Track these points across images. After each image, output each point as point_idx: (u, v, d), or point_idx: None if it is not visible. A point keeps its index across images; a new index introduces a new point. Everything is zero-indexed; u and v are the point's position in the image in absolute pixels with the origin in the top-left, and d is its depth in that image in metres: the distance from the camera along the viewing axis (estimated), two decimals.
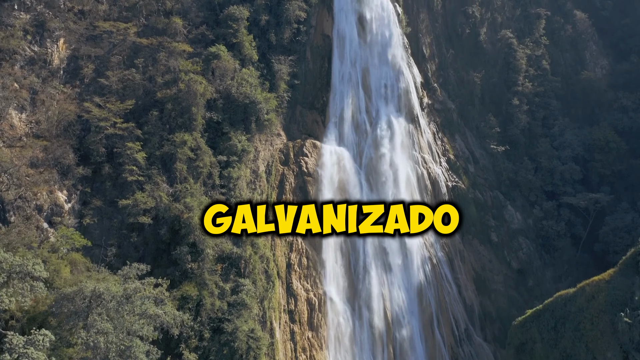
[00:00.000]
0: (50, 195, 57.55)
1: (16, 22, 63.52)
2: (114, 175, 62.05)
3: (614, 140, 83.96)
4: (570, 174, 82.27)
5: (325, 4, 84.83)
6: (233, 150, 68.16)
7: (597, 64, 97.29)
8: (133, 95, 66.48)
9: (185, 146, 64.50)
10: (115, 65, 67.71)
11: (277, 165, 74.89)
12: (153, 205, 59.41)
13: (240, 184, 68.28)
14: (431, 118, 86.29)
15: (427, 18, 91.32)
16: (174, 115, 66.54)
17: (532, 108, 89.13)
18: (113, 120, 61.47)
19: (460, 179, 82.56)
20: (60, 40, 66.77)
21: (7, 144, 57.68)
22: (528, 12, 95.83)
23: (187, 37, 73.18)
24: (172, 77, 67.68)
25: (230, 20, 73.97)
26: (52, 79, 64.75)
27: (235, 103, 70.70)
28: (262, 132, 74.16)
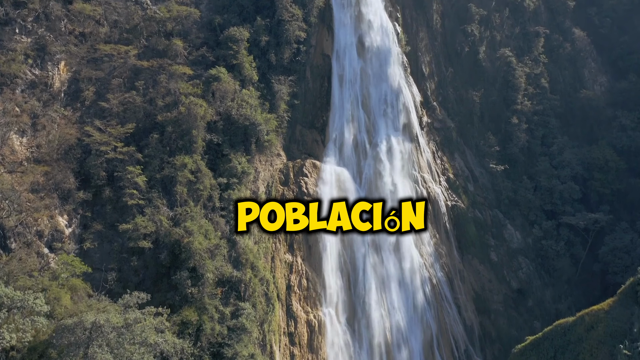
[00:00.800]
0: (50, 221, 57.67)
1: (17, 45, 63.83)
2: (114, 198, 62.23)
3: (613, 159, 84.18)
4: (569, 194, 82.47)
5: (325, 23, 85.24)
6: (233, 173, 68.31)
7: (595, 81, 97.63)
8: (134, 117, 66.70)
9: (186, 169, 64.65)
10: (116, 88, 67.95)
11: (277, 185, 75.06)
12: (153, 230, 59.53)
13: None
14: (431, 137, 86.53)
15: (427, 37, 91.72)
16: (175, 137, 66.74)
17: (531, 126, 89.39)
18: (114, 145, 61.70)
19: (459, 198, 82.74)
20: (61, 63, 67.07)
21: (8, 170, 57.84)
22: (527, 30, 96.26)
23: (188, 58, 73.48)
24: (173, 99, 67.93)
25: (231, 42, 74.27)
26: (53, 102, 64.99)
27: (235, 125, 70.97)
28: (262, 152, 74.37)
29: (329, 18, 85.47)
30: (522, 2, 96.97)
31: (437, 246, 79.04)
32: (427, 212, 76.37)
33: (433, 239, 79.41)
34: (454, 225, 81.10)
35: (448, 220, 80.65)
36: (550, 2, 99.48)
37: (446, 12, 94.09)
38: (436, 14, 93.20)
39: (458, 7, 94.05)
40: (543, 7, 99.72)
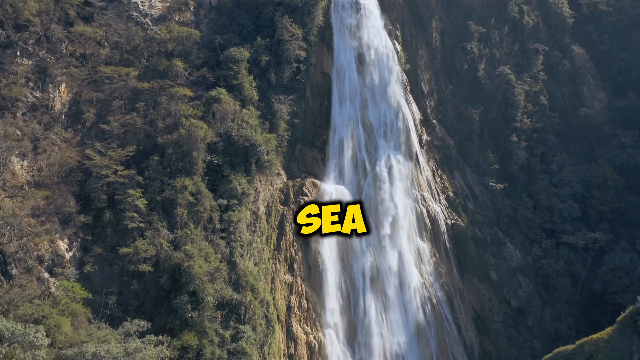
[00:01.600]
0: (51, 245, 57.88)
1: (18, 68, 64.23)
2: (114, 221, 62.43)
3: (612, 177, 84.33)
4: (569, 212, 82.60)
5: (324, 42, 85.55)
6: (233, 194, 68.50)
7: (595, 98, 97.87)
8: (134, 139, 66.97)
9: (186, 191, 64.87)
10: (117, 110, 68.24)
11: (277, 205, 75.23)
12: (154, 253, 59.77)
13: (240, 227, 68.59)
14: (430, 155, 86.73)
15: (426, 54, 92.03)
16: (175, 158, 67.01)
17: (531, 144, 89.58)
18: (114, 168, 62.01)
19: (459, 217, 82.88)
20: (62, 85, 67.44)
21: (9, 194, 58.08)
22: (526, 48, 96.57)
23: (188, 79, 73.75)
24: (173, 121, 68.18)
25: (231, 62, 74.56)
26: (54, 124, 65.31)
27: (235, 145, 71.18)
28: (262, 172, 74.57)
29: (328, 36, 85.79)
30: (521, 19, 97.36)
31: (437, 265, 79.15)
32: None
33: (433, 257, 79.52)
34: (454, 244, 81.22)
35: (448, 239, 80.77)
36: (549, 19, 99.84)
37: (445, 30, 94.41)
38: (435, 31, 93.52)
39: (457, 25, 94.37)
40: (542, 24, 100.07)
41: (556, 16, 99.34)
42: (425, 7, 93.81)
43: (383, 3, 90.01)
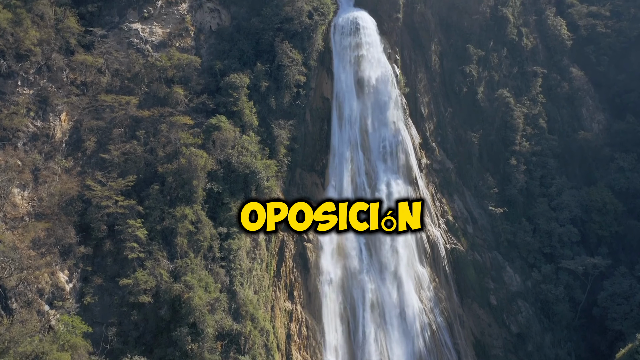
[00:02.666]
0: (51, 277, 57.99)
1: (19, 98, 64.42)
2: (114, 251, 62.59)
3: (611, 202, 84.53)
4: (568, 237, 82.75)
5: (324, 66, 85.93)
6: (233, 222, 68.64)
7: (593, 119, 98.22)
8: (134, 167, 67.17)
9: (186, 220, 65.01)
10: (117, 138, 68.41)
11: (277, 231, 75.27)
12: (154, 285, 59.78)
13: (240, 254, 68.68)
14: (430, 179, 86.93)
15: (425, 77, 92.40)
16: (175, 186, 67.17)
17: (530, 167, 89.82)
18: (115, 199, 62.13)
19: (459, 241, 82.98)
20: (63, 114, 67.62)
21: (10, 226, 58.19)
22: (525, 70, 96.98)
23: (189, 105, 73.95)
24: (173, 149, 68.35)
25: (231, 89, 74.79)
26: (55, 153, 65.48)
27: (235, 173, 71.35)
28: (262, 198, 74.57)
29: (328, 61, 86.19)
30: (519, 41, 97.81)
31: (437, 290, 79.19)
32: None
33: (433, 283, 79.57)
34: (454, 269, 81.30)
35: (447, 264, 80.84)
36: (547, 41, 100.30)
37: (444, 53, 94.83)
38: (435, 54, 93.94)
39: (456, 47, 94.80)
40: (541, 45, 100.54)
41: (554, 38, 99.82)
42: (425, 30, 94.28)
43: (382, 26, 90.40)
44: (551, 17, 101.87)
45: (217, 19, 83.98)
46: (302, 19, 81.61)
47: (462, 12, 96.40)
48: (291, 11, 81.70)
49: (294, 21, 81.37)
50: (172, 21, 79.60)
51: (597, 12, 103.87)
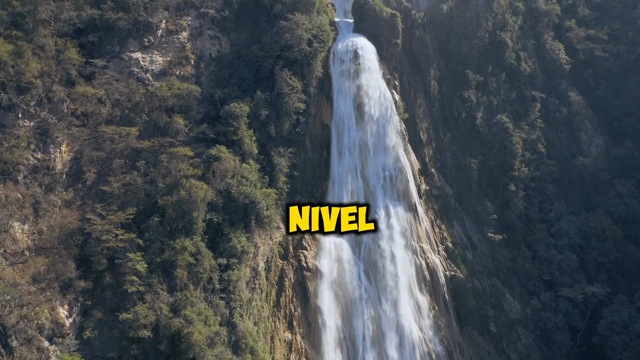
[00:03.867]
0: (51, 313, 58.17)
1: (20, 131, 64.74)
2: (114, 284, 62.82)
3: (610, 228, 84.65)
4: (567, 264, 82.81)
5: (324, 92, 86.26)
6: (233, 252, 68.77)
7: (592, 143, 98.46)
8: (134, 198, 67.40)
9: (186, 252, 65.14)
10: (117, 169, 68.66)
11: (276, 260, 75.49)
12: (153, 319, 59.85)
13: (240, 285, 68.81)
14: (429, 205, 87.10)
15: (424, 103, 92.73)
16: (175, 217, 67.29)
17: (529, 193, 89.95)
18: (115, 233, 62.26)
19: (458, 268, 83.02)
20: (63, 145, 67.96)
21: (10, 262, 58.35)
22: (523, 95, 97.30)
23: (189, 135, 74.21)
24: (173, 181, 68.55)
25: (231, 118, 75.09)
26: (55, 185, 65.74)
27: (235, 203, 71.54)
28: (262, 227, 74.78)
29: (327, 87, 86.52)
30: (518, 66, 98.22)
31: (437, 318, 79.18)
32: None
33: (432, 311, 79.57)
34: (453, 296, 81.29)
35: (447, 291, 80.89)
36: (546, 65, 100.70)
37: (443, 77, 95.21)
38: (434, 79, 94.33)
39: (455, 72, 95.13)
40: (539, 69, 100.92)
41: (553, 62, 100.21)
42: (424, 55, 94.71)
43: (381, 52, 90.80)
44: (549, 41, 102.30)
45: (217, 46, 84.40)
46: (301, 46, 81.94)
47: (460, 37, 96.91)
48: (291, 39, 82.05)
49: (293, 49, 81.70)
50: (172, 49, 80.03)
51: (595, 35, 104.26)
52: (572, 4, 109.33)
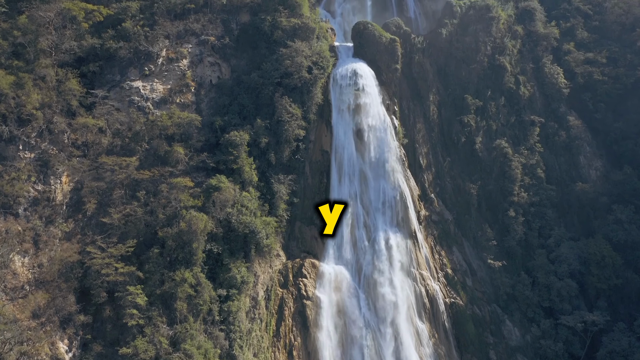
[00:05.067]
0: (51, 348, 58.32)
1: (21, 163, 64.98)
2: (114, 317, 62.91)
3: (609, 255, 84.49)
4: (567, 291, 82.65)
5: (323, 118, 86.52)
6: (232, 283, 68.89)
7: (591, 166, 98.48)
8: (135, 229, 67.55)
9: (186, 283, 65.24)
10: (118, 200, 68.87)
11: (276, 288, 75.51)
12: (153, 354, 59.81)
13: (239, 316, 68.88)
14: (429, 231, 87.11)
15: (424, 128, 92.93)
16: (175, 247, 67.46)
17: (528, 218, 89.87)
18: (115, 266, 62.36)
19: (458, 295, 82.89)
20: (64, 175, 68.24)
21: (10, 297, 58.49)
22: (523, 119, 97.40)
23: (189, 164, 74.41)
24: (173, 211, 68.71)
25: (231, 147, 75.29)
26: (55, 216, 65.94)
27: (235, 232, 71.72)
28: (262, 256, 74.84)
29: (327, 113, 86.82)
30: (517, 90, 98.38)
31: (437, 347, 78.99)
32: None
33: (432, 339, 79.40)
34: (453, 324, 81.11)
35: (447, 319, 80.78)
36: (545, 88, 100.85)
37: (443, 102, 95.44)
38: (433, 104, 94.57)
39: (454, 97, 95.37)
40: (538, 93, 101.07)
41: (552, 86, 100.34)
42: (423, 80, 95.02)
43: (381, 77, 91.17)
44: (548, 64, 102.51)
45: (218, 72, 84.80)
46: (301, 74, 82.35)
47: (460, 61, 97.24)
48: (291, 66, 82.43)
49: (293, 76, 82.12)
50: (173, 77, 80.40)
51: (594, 58, 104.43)
52: (570, 27, 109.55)
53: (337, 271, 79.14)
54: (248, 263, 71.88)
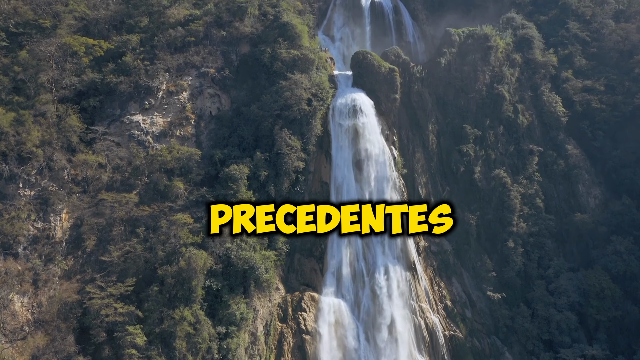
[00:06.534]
0: None
1: (20, 201, 65.13)
2: (113, 357, 62.99)
3: (608, 287, 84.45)
4: (566, 324, 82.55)
5: (323, 149, 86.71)
6: (232, 320, 68.84)
7: (590, 194, 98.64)
8: (134, 266, 67.65)
9: (185, 321, 65.27)
10: (117, 237, 68.98)
11: (275, 323, 75.40)
12: None
13: (239, 353, 68.91)
14: (428, 262, 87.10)
15: (423, 157, 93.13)
16: (174, 284, 67.49)
17: (527, 249, 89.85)
18: (114, 307, 62.29)
19: (457, 327, 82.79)
20: (64, 212, 68.35)
21: (10, 339, 58.42)
22: (521, 148, 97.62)
23: (188, 198, 74.47)
24: (173, 248, 68.79)
25: (230, 181, 75.41)
26: (54, 254, 66.13)
27: (234, 268, 71.73)
28: (261, 291, 74.72)
29: (327, 144, 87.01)
30: (515, 118, 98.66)
31: None
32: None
33: None
34: (452, 357, 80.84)
35: (446, 352, 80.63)
36: (543, 117, 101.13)
37: (442, 131, 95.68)
38: (432, 134, 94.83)
39: (453, 126, 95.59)
40: (537, 121, 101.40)
41: (550, 115, 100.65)
42: (422, 109, 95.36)
43: (380, 107, 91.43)
44: (546, 92, 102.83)
45: (218, 104, 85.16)
46: (301, 106, 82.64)
47: (458, 90, 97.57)
48: (290, 98, 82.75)
49: (292, 108, 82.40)
50: (173, 110, 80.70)
51: (592, 86, 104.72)
52: (568, 54, 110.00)
53: (337, 304, 79.03)
54: (247, 299, 71.79)
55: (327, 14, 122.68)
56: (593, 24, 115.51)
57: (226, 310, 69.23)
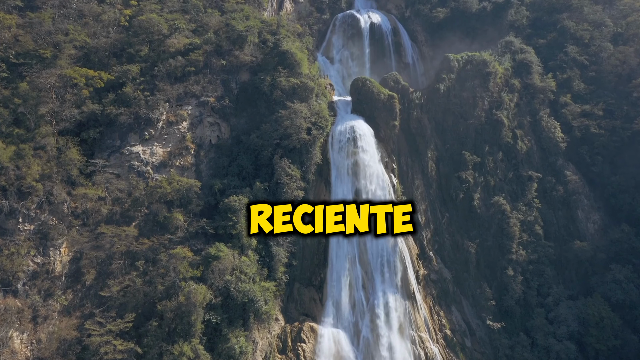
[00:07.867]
0: None
1: (20, 236, 65.15)
2: None
3: (608, 316, 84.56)
4: (566, 354, 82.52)
5: (322, 177, 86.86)
6: (231, 354, 68.64)
7: (589, 219, 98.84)
8: (133, 300, 67.64)
9: (184, 357, 65.09)
10: (117, 271, 69.03)
11: (274, 355, 75.23)
12: None
13: None
14: (427, 291, 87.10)
15: (422, 184, 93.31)
16: (173, 317, 67.38)
17: (527, 276, 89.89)
18: (113, 344, 62.17)
19: (457, 357, 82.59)
20: (63, 246, 68.34)
21: None
22: (520, 174, 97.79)
23: (188, 230, 74.56)
24: (172, 282, 68.72)
25: (230, 213, 75.47)
26: (54, 289, 66.09)
27: (234, 301, 71.60)
28: (261, 322, 74.62)
29: (326, 172, 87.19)
30: (514, 144, 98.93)
31: None
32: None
33: None
34: None
35: None
36: (542, 142, 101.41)
37: (441, 157, 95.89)
38: (431, 160, 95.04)
39: (452, 152, 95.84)
40: (535, 147, 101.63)
41: (549, 140, 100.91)
42: (421, 136, 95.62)
43: (379, 134, 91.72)
44: (545, 118, 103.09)
45: (217, 132, 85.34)
46: (300, 135, 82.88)
47: (457, 116, 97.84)
48: (290, 126, 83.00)
49: (292, 137, 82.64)
50: (172, 140, 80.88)
51: (591, 111, 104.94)
52: (567, 79, 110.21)
53: (336, 335, 78.93)
54: (247, 331, 71.68)
55: (326, 36, 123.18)
56: (591, 47, 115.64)
57: (225, 344, 69.05)
